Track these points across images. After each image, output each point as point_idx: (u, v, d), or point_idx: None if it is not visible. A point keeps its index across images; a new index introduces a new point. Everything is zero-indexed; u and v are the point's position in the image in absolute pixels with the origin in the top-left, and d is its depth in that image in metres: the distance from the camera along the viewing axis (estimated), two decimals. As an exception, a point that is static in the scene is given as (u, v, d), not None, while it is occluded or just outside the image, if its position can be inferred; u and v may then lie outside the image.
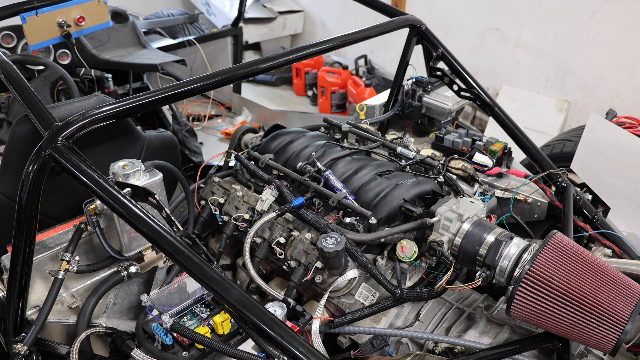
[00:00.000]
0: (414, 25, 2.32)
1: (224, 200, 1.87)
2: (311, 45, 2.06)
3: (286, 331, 1.18)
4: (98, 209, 1.59)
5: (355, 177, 1.78)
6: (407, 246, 1.57)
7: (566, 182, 2.00)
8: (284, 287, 1.78)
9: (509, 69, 4.48)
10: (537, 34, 4.20)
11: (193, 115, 4.31)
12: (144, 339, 1.51)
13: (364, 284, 1.63)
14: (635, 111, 3.64)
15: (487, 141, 2.12)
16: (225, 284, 1.23)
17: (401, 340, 1.62)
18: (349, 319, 1.56)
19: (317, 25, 6.14)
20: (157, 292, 1.58)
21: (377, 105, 2.50)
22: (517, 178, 2.07)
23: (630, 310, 1.24)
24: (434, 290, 1.59)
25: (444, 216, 1.54)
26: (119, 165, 1.60)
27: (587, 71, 4.01)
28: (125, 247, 1.63)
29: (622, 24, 3.69)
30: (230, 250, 2.02)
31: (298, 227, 1.69)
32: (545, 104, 4.25)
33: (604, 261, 1.34)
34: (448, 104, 2.28)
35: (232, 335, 1.49)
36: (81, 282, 1.66)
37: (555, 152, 2.47)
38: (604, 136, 2.14)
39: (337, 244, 1.48)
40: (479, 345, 1.47)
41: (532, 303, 1.31)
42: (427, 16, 3.19)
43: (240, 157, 1.91)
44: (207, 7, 5.76)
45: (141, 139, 2.26)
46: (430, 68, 2.37)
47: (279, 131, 2.10)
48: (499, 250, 1.42)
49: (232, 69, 1.85)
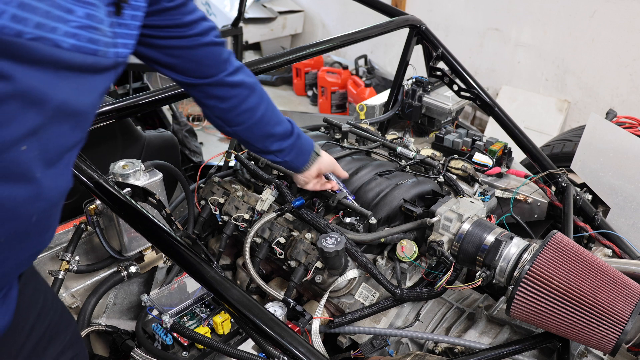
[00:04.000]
0: (414, 25, 2.32)
1: (224, 200, 1.87)
2: (311, 45, 2.06)
3: (286, 331, 1.18)
4: (98, 209, 1.59)
5: (355, 177, 1.78)
6: (407, 246, 1.57)
7: (566, 182, 2.00)
8: (284, 287, 1.78)
9: (509, 69, 4.48)
10: (537, 34, 4.20)
11: (193, 115, 4.32)
12: (144, 339, 1.52)
13: (364, 284, 1.63)
14: (635, 111, 3.64)
15: (487, 141, 2.12)
16: (225, 284, 1.23)
17: (401, 340, 1.62)
18: (349, 319, 1.56)
19: (317, 25, 6.14)
20: (157, 292, 1.58)
21: (377, 105, 2.50)
22: (517, 178, 2.07)
23: (630, 310, 1.24)
24: (434, 290, 1.59)
25: (444, 216, 1.54)
26: (119, 165, 1.60)
27: (587, 71, 4.01)
28: (125, 247, 1.63)
29: (622, 24, 3.69)
30: (230, 250, 2.01)
31: (298, 227, 1.69)
32: (545, 104, 4.25)
33: (604, 261, 1.34)
34: (448, 104, 2.28)
35: (232, 335, 1.49)
36: (81, 282, 1.66)
37: (555, 152, 2.47)
38: (604, 136, 2.14)
39: (337, 244, 1.48)
40: (479, 345, 1.47)
41: (532, 303, 1.31)
42: (427, 16, 3.19)
43: (240, 157, 1.91)
44: (207, 7, 5.76)
45: (141, 139, 2.26)
46: (430, 68, 2.37)
47: (279, 131, 2.09)
48: (499, 250, 1.42)
49: (232, 69, 1.85)
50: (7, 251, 0.82)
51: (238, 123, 1.38)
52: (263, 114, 1.39)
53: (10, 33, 0.68)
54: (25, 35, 0.70)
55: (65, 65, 0.77)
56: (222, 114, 1.36)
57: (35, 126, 0.76)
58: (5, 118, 0.72)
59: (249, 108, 1.36)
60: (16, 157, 0.75)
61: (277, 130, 1.44)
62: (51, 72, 0.76)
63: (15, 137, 0.74)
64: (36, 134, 0.77)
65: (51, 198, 0.84)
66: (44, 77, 0.75)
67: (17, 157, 0.75)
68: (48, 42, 0.73)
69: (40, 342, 1.05)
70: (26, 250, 0.87)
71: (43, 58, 0.74)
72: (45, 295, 1.10)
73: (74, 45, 0.77)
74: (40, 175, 0.80)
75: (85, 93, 0.85)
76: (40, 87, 0.75)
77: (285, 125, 1.46)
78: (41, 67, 0.74)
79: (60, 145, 0.84)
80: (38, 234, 0.87)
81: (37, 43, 0.72)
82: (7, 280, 0.89)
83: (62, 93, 0.79)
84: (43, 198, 0.82)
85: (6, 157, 0.74)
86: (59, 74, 0.77)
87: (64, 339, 1.12)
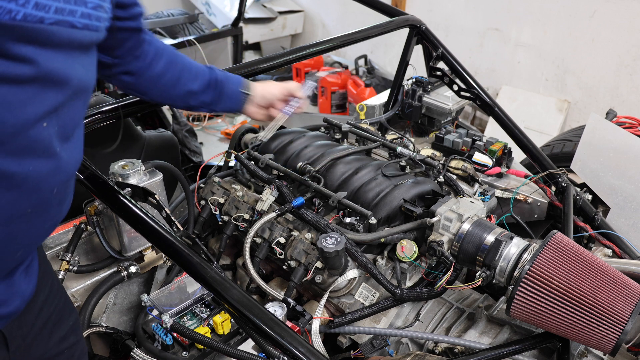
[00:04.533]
0: (414, 25, 2.32)
1: (224, 200, 1.87)
2: (311, 45, 2.06)
3: (286, 331, 1.18)
4: (98, 209, 1.59)
5: (355, 177, 1.78)
6: (407, 246, 1.57)
7: (566, 182, 2.00)
8: (284, 287, 1.78)
9: (509, 69, 4.48)
10: (537, 34, 4.20)
11: (193, 115, 4.31)
12: (144, 339, 1.52)
13: (364, 284, 1.63)
14: (635, 111, 3.64)
15: (487, 141, 2.11)
16: (225, 284, 1.23)
17: (401, 340, 1.62)
18: (349, 319, 1.56)
19: (317, 25, 6.14)
20: (157, 292, 1.58)
21: (377, 105, 2.50)
22: (517, 178, 2.07)
23: (630, 310, 1.24)
24: (434, 290, 1.59)
25: (444, 216, 1.54)
26: (119, 165, 1.60)
27: (587, 71, 4.01)
28: (125, 247, 1.63)
29: (622, 24, 3.69)
30: (230, 250, 2.02)
31: (298, 227, 1.69)
32: (545, 104, 4.25)
33: (604, 261, 1.34)
34: (448, 104, 2.28)
35: (232, 335, 1.49)
36: (81, 282, 1.65)
37: (555, 152, 2.47)
38: (604, 136, 2.14)
39: (337, 244, 1.48)
40: (479, 345, 1.47)
41: (532, 303, 1.31)
42: (427, 16, 3.19)
43: (240, 157, 1.91)
44: (207, 7, 5.76)
45: (141, 139, 2.26)
46: (430, 68, 2.37)
47: (279, 131, 2.10)
48: (499, 250, 1.42)
49: (232, 69, 1.85)
50: (32, 221, 0.89)
51: (151, 89, 1.43)
52: (178, 75, 1.44)
53: (33, 20, 0.74)
54: (47, 20, 0.76)
55: (78, 45, 0.85)
56: (133, 86, 1.41)
57: (57, 104, 0.84)
58: (29, 98, 0.78)
59: (159, 73, 1.40)
60: (39, 133, 0.82)
61: (194, 87, 1.48)
62: (67, 53, 0.83)
63: (38, 115, 0.81)
64: (56, 111, 0.84)
65: (68, 170, 0.93)
66: (62, 59, 0.82)
67: (40, 133, 0.82)
68: (66, 24, 0.80)
69: (47, 325, 1.11)
70: (47, 220, 0.94)
71: (61, 41, 0.80)
72: (52, 280, 1.16)
73: (86, 25, 0.84)
74: (59, 150, 0.87)
75: (91, 69, 0.94)
76: (60, 68, 0.82)
77: (202, 79, 1.50)
78: (60, 49, 0.81)
79: (74, 120, 0.91)
80: (58, 204, 0.94)
81: (57, 27, 0.78)
82: (31, 249, 0.96)
83: (77, 72, 0.86)
84: (62, 171, 0.90)
85: (31, 134, 0.80)
86: (72, 53, 0.84)
87: (67, 324, 1.17)
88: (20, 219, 0.86)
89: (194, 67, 1.49)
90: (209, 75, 1.52)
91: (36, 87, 0.79)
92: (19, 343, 1.03)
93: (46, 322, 1.11)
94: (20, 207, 0.85)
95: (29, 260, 0.99)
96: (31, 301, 1.05)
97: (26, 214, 0.86)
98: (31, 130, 0.80)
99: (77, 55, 0.86)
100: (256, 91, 1.64)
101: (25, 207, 0.85)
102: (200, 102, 1.52)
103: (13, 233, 0.87)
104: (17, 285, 0.96)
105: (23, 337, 1.04)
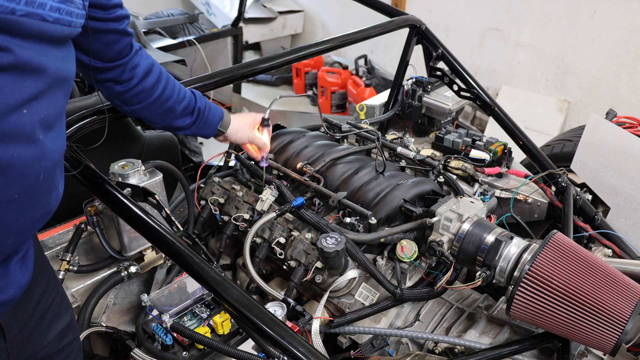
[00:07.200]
0: (414, 25, 2.32)
1: (224, 200, 1.87)
2: (311, 45, 2.06)
3: (286, 331, 1.18)
4: (98, 209, 1.59)
5: (355, 177, 1.78)
6: (407, 246, 1.57)
7: (566, 182, 2.00)
8: (284, 287, 1.78)
9: (509, 69, 4.47)
10: (537, 34, 4.20)
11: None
12: (144, 339, 1.52)
13: (364, 284, 1.63)
14: (635, 111, 3.63)
15: (487, 141, 2.11)
16: (225, 284, 1.23)
17: (401, 340, 1.62)
18: (349, 319, 1.56)
19: (317, 25, 6.14)
20: (157, 292, 1.58)
21: (377, 105, 2.50)
22: (517, 178, 2.07)
23: (630, 310, 1.24)
24: (434, 290, 1.59)
25: (444, 216, 1.54)
26: (118, 165, 1.60)
27: (587, 71, 4.01)
28: (125, 247, 1.63)
29: (622, 24, 3.69)
30: (230, 250, 2.02)
31: (298, 227, 1.69)
32: (545, 104, 4.25)
33: (604, 261, 1.34)
34: (448, 104, 2.28)
35: (232, 335, 1.49)
36: (81, 282, 1.65)
37: (555, 152, 2.47)
38: (604, 136, 2.14)
39: (337, 244, 1.48)
40: (479, 345, 1.47)
41: (532, 303, 1.31)
42: (427, 16, 3.19)
43: (240, 157, 1.91)
44: (207, 7, 5.76)
45: (141, 139, 2.26)
46: (430, 68, 2.37)
47: (279, 131, 2.10)
48: (499, 250, 1.42)
49: (232, 69, 1.85)
50: (22, 208, 0.92)
51: (135, 102, 1.43)
52: (161, 93, 1.45)
53: (5, 11, 0.79)
54: (18, 12, 0.81)
55: (49, 37, 0.89)
56: (118, 95, 1.41)
57: (37, 92, 0.88)
58: (8, 85, 0.83)
59: (145, 88, 1.41)
60: (19, 118, 0.86)
61: (177, 108, 1.50)
62: (40, 44, 0.87)
63: (17, 102, 0.85)
64: (37, 99, 0.88)
65: (53, 157, 0.96)
66: (37, 49, 0.87)
67: (21, 119, 0.86)
68: (37, 17, 0.84)
69: (44, 319, 1.13)
70: (37, 209, 0.97)
71: (32, 32, 0.85)
72: (49, 275, 1.18)
73: (56, 19, 0.88)
74: (42, 137, 0.91)
75: (69, 60, 0.98)
76: (36, 58, 0.86)
77: (186, 103, 1.52)
78: (32, 40, 0.85)
79: (56, 109, 0.96)
80: (46, 192, 0.97)
81: (28, 19, 0.83)
82: (23, 238, 0.98)
83: (54, 62, 0.91)
84: (47, 157, 0.93)
85: (12, 120, 0.85)
86: (45, 45, 0.89)
87: (64, 321, 1.19)
88: (8, 204, 0.89)
89: (182, 90, 1.52)
90: (194, 102, 1.54)
91: (15, 75, 0.84)
92: (15, 334, 1.05)
93: (44, 315, 1.12)
94: (7, 193, 0.88)
95: (24, 250, 1.02)
96: (28, 293, 1.07)
97: (14, 199, 0.89)
98: (12, 115, 0.84)
99: (50, 47, 0.90)
100: (230, 130, 1.67)
101: (12, 192, 0.88)
102: (179, 125, 1.54)
103: (2, 220, 0.89)
104: (12, 275, 0.98)
105: (20, 328, 1.06)
